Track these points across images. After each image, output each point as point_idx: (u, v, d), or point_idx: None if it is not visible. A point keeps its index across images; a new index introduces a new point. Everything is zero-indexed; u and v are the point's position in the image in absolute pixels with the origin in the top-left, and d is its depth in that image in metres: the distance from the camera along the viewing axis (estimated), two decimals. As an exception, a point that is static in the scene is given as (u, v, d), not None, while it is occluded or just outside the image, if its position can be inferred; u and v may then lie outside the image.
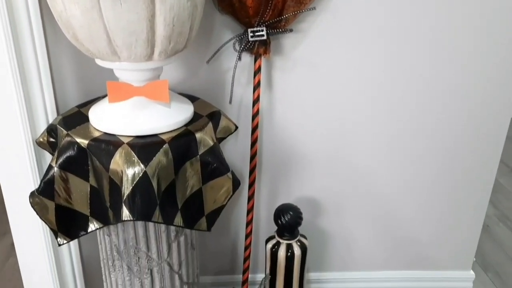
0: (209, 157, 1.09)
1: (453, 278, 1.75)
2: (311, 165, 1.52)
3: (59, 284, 1.40)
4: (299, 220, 1.43)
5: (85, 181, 1.05)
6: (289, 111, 1.43)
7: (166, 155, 1.01)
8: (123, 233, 1.15)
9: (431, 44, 1.38)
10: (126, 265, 1.19)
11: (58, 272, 1.40)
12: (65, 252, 1.39)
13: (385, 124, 1.48)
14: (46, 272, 1.39)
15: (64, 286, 1.43)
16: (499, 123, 1.50)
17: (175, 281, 1.25)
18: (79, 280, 1.44)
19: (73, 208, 1.07)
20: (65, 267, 1.41)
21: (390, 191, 1.59)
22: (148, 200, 0.98)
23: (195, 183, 1.10)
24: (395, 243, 1.69)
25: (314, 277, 1.72)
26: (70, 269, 1.42)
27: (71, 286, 1.43)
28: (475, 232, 1.70)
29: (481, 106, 1.47)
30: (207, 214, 1.16)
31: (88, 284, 1.48)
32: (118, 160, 0.98)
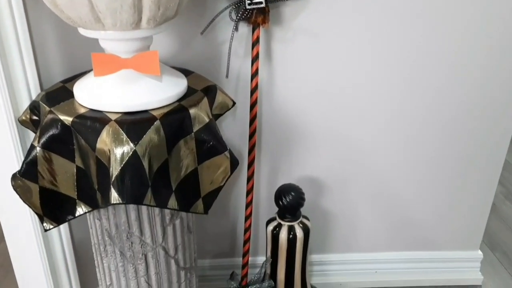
0: (205, 134, 1.01)
1: (460, 259, 1.69)
2: (314, 143, 1.44)
3: (50, 270, 1.34)
4: (301, 201, 1.36)
5: (70, 162, 0.97)
6: (289, 86, 1.35)
7: (157, 133, 0.93)
8: (114, 217, 1.08)
9: (437, 18, 1.29)
10: (119, 251, 1.12)
11: (48, 257, 1.33)
12: (55, 237, 1.32)
13: (391, 99, 1.40)
14: (36, 258, 1.32)
15: (55, 271, 1.36)
16: (510, 98, 1.42)
17: (171, 266, 1.18)
18: (71, 266, 1.37)
19: (59, 191, 1.00)
20: (55, 252, 1.34)
21: (396, 170, 1.52)
22: (139, 181, 0.90)
23: (190, 163, 1.02)
24: (400, 223, 1.62)
25: (317, 259, 1.66)
26: (61, 255, 1.35)
27: (62, 272, 1.36)
28: (484, 212, 1.63)
29: (491, 81, 1.39)
30: (203, 196, 1.08)
31: (81, 270, 1.41)
32: (105, 138, 0.90)
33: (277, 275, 1.43)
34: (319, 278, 1.67)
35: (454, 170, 1.54)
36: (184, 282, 1.24)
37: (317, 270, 1.67)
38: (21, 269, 1.44)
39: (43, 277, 1.35)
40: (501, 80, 1.39)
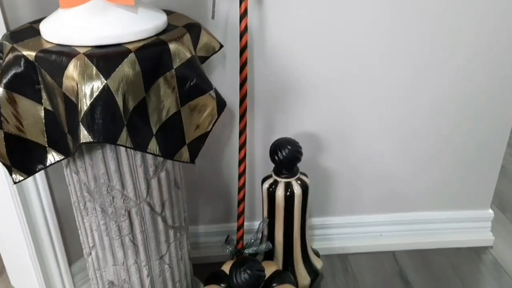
0: (187, 71, 0.91)
1: (471, 218, 1.60)
2: (311, 95, 1.34)
3: (32, 239, 1.25)
4: (298, 155, 1.26)
5: (37, 104, 0.87)
6: (283, 31, 1.24)
7: (132, 67, 0.83)
8: (92, 168, 0.98)
9: None
10: (100, 207, 1.03)
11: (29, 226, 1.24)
12: (35, 204, 1.22)
13: (399, 47, 1.29)
14: (15, 222, 1.23)
15: (38, 240, 1.27)
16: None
17: (158, 225, 1.09)
18: (54, 233, 1.28)
19: (27, 138, 0.90)
20: (36, 220, 1.25)
21: (401, 126, 1.42)
22: (112, 118, 0.80)
23: (172, 104, 0.92)
24: (406, 182, 1.52)
25: (318, 222, 1.56)
26: (43, 221, 1.26)
27: (45, 240, 1.27)
28: (494, 170, 1.53)
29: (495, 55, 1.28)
30: (188, 142, 0.98)
31: (66, 238, 1.32)
32: (72, 72, 0.80)
33: (275, 237, 1.34)
34: (321, 243, 1.57)
35: (463, 126, 1.44)
36: (173, 242, 1.15)
37: (319, 234, 1.58)
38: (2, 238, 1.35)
39: (25, 247, 1.26)
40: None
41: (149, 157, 1.00)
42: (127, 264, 1.10)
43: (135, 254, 1.09)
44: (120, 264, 1.10)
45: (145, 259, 1.10)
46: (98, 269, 1.13)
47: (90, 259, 1.14)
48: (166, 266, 1.15)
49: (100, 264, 1.12)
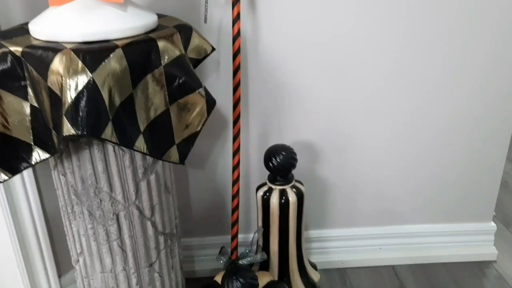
0: (175, 69, 0.90)
1: (473, 231, 1.56)
2: (306, 101, 1.33)
3: (19, 244, 1.22)
4: (293, 161, 1.24)
5: (23, 100, 0.86)
6: (276, 37, 1.24)
7: (119, 62, 0.82)
8: (79, 169, 0.96)
9: None
10: (87, 210, 1.00)
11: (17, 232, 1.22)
12: (24, 209, 1.20)
13: (397, 56, 1.28)
14: (3, 231, 1.21)
15: (26, 247, 1.24)
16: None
17: (148, 230, 1.06)
18: (43, 241, 1.26)
19: (12, 135, 0.88)
20: (25, 226, 1.22)
21: (401, 135, 1.39)
22: (97, 112, 0.79)
23: (161, 102, 0.91)
24: (406, 194, 1.49)
25: (315, 235, 1.52)
26: (32, 229, 1.23)
27: (33, 246, 1.24)
28: (494, 182, 1.50)
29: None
30: (178, 142, 0.97)
31: (55, 246, 1.29)
32: (57, 66, 0.79)
33: (270, 247, 1.30)
34: (319, 256, 1.53)
35: (462, 139, 1.41)
36: (164, 249, 1.11)
37: (316, 247, 1.54)
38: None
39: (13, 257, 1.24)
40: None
41: (138, 158, 0.98)
42: (115, 271, 1.07)
43: (123, 260, 1.06)
44: (108, 271, 1.07)
45: (134, 266, 1.07)
46: (86, 277, 1.10)
47: (78, 267, 1.11)
48: (156, 274, 1.12)
49: (88, 271, 1.09)
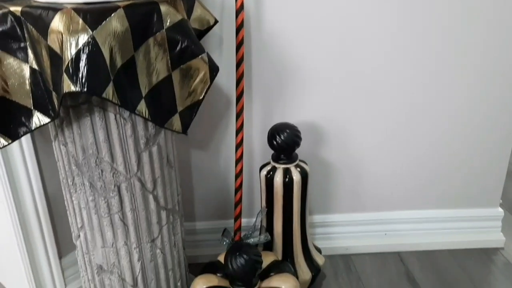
0: (177, 33, 0.89)
1: (480, 217, 1.53)
2: (310, 80, 1.31)
3: (20, 225, 1.20)
4: (297, 139, 1.22)
5: (23, 62, 0.85)
6: (280, 15, 1.23)
7: (121, 22, 0.81)
8: (80, 138, 0.95)
9: None
10: (88, 181, 0.99)
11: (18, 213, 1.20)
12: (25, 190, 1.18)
13: (403, 40, 1.27)
14: (5, 213, 1.19)
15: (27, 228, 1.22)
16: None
17: (150, 203, 1.04)
18: (44, 222, 1.24)
19: (11, 99, 0.87)
20: (26, 207, 1.20)
21: (410, 119, 1.38)
22: (97, 70, 0.78)
23: (163, 67, 0.90)
24: (411, 179, 1.47)
25: (319, 220, 1.50)
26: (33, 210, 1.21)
27: (34, 227, 1.23)
28: (501, 167, 1.48)
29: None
30: (180, 111, 0.95)
31: (56, 227, 1.27)
32: (58, 25, 0.78)
33: (274, 228, 1.28)
34: (323, 242, 1.51)
35: (469, 123, 1.40)
36: (166, 225, 1.10)
37: (320, 233, 1.51)
38: (-10, 228, 1.31)
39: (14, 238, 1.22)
40: None
41: (140, 128, 0.97)
42: (117, 246, 1.05)
43: (125, 234, 1.04)
44: (109, 246, 1.05)
45: (135, 241, 1.05)
46: (87, 253, 1.08)
47: (78, 243, 1.09)
48: (158, 251, 1.10)
49: (89, 246, 1.07)
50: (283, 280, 1.13)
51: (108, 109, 0.92)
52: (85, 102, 0.91)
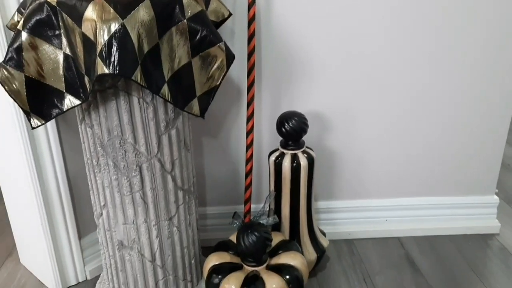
0: (197, 23, 0.97)
1: (476, 204, 1.61)
2: (318, 71, 1.39)
3: (44, 207, 1.28)
4: (304, 126, 1.30)
5: (57, 49, 0.93)
6: (290, 7, 1.30)
7: (147, 12, 0.89)
8: (106, 120, 1.03)
9: None
10: (112, 162, 1.07)
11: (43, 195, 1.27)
12: (49, 173, 1.26)
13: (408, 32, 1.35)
14: (30, 195, 1.27)
15: (50, 210, 1.30)
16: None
17: (168, 183, 1.12)
18: (66, 203, 1.31)
19: (46, 83, 0.95)
20: (50, 188, 1.28)
21: (410, 108, 1.45)
22: (127, 55, 0.86)
23: (184, 54, 0.98)
24: (412, 167, 1.55)
25: (323, 206, 1.58)
26: (56, 192, 1.29)
27: (57, 208, 1.30)
28: (497, 155, 1.56)
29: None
30: (199, 95, 1.03)
31: (76, 208, 1.35)
32: (91, 14, 0.86)
33: (282, 211, 1.36)
34: (327, 227, 1.59)
35: (466, 113, 1.47)
36: (182, 204, 1.17)
37: (325, 218, 1.59)
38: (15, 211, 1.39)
39: (38, 219, 1.29)
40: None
41: (161, 112, 1.04)
42: (137, 223, 1.13)
43: (145, 212, 1.12)
44: (130, 223, 1.13)
45: (154, 218, 1.13)
46: (109, 230, 1.16)
47: (100, 221, 1.17)
48: (175, 228, 1.17)
49: (111, 223, 1.14)
50: (291, 257, 1.21)
51: (132, 94, 1.00)
52: (111, 86, 0.99)
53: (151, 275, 1.19)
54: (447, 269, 1.46)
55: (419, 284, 1.41)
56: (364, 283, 1.41)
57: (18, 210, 1.37)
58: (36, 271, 1.43)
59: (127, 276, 1.20)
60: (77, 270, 1.39)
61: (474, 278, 1.42)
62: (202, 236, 1.53)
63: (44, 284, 1.40)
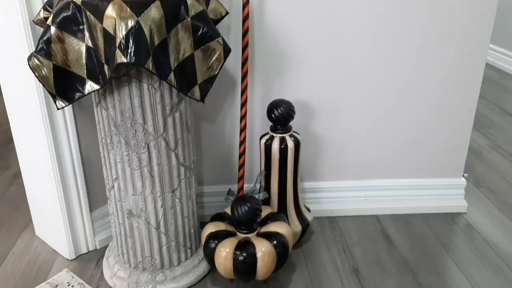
0: (199, 20, 1.13)
1: (446, 185, 1.79)
2: (304, 65, 1.56)
3: (61, 181, 1.44)
4: (292, 112, 1.47)
5: (80, 41, 1.10)
6: (280, 6, 1.47)
7: (157, 11, 1.06)
8: (120, 103, 1.19)
9: None
10: (124, 140, 1.23)
11: (60, 170, 1.43)
12: (65, 149, 1.42)
13: (385, 22, 1.52)
14: (49, 171, 1.43)
15: (66, 184, 1.46)
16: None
17: (172, 159, 1.29)
18: (79, 179, 1.48)
19: (71, 70, 1.11)
20: (66, 166, 1.44)
21: (385, 98, 1.63)
22: (141, 47, 1.02)
23: (187, 47, 1.15)
24: (387, 151, 1.72)
25: (309, 186, 1.76)
26: (71, 169, 1.45)
27: (71, 182, 1.47)
28: (464, 140, 1.73)
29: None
30: (200, 82, 1.20)
31: (88, 184, 1.51)
32: (111, 12, 1.02)
33: (271, 188, 1.53)
34: (312, 206, 1.76)
35: (435, 104, 1.65)
36: (184, 179, 1.34)
37: (310, 197, 1.77)
38: (33, 186, 1.54)
39: (55, 192, 1.45)
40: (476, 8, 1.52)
41: (167, 97, 1.21)
42: (145, 194, 1.30)
43: (151, 184, 1.29)
44: (139, 194, 1.30)
45: (160, 190, 1.30)
46: (119, 200, 1.33)
47: (112, 192, 1.34)
48: (177, 200, 1.34)
49: (121, 194, 1.31)
50: (279, 226, 1.38)
51: (143, 80, 1.17)
52: (125, 74, 1.15)
53: (155, 241, 1.36)
54: (418, 242, 1.64)
55: (393, 255, 1.59)
56: (343, 253, 1.59)
57: (36, 185, 1.53)
58: (50, 241, 1.59)
59: (135, 242, 1.37)
60: (88, 240, 1.55)
61: (442, 250, 1.61)
62: (199, 212, 1.70)
63: (58, 252, 1.57)
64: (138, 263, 1.39)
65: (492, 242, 1.65)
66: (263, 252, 1.29)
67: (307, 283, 1.46)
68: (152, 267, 1.39)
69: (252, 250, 1.30)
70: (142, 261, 1.38)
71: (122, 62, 1.00)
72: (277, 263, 1.34)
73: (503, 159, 2.23)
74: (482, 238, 1.67)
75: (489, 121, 2.65)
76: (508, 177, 2.07)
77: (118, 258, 1.45)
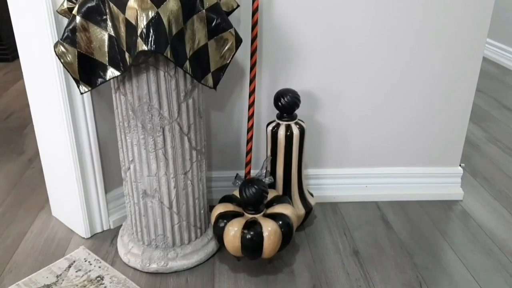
0: (213, 12, 1.22)
1: (442, 174, 1.87)
2: (309, 57, 1.65)
3: (79, 163, 1.52)
4: (297, 101, 1.55)
5: (103, 30, 1.18)
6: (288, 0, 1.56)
7: (176, 3, 1.14)
8: (137, 89, 1.27)
9: None
10: (140, 124, 1.32)
11: (79, 154, 1.52)
12: (83, 133, 1.50)
13: (387, 13, 1.60)
14: (67, 153, 1.51)
15: (83, 165, 1.54)
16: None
17: (185, 143, 1.37)
18: (96, 161, 1.56)
19: (94, 57, 1.20)
20: (83, 149, 1.52)
21: (386, 88, 1.71)
22: (161, 36, 1.10)
23: (202, 37, 1.23)
24: (388, 140, 1.81)
25: (312, 172, 1.84)
26: (88, 151, 1.54)
27: (88, 164, 1.55)
28: (461, 130, 1.81)
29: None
30: (213, 71, 1.28)
31: (104, 166, 1.60)
32: (133, 3, 1.10)
33: (277, 172, 1.61)
34: (315, 192, 1.85)
35: (434, 95, 1.73)
36: (195, 162, 1.43)
37: (313, 183, 1.85)
38: (51, 168, 1.63)
39: (73, 172, 1.54)
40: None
41: (181, 84, 1.30)
42: (159, 175, 1.38)
43: (165, 166, 1.37)
44: (153, 175, 1.38)
45: (173, 172, 1.38)
46: (135, 181, 1.41)
47: (128, 174, 1.42)
48: (189, 182, 1.43)
49: (137, 175, 1.40)
50: (284, 208, 1.47)
51: (159, 68, 1.25)
52: (143, 62, 1.24)
53: (168, 220, 1.44)
54: (416, 227, 1.73)
55: (391, 239, 1.67)
56: (344, 236, 1.68)
57: (54, 167, 1.61)
58: (66, 221, 1.68)
59: (148, 221, 1.45)
60: (102, 220, 1.64)
61: (437, 234, 1.69)
62: (207, 196, 1.79)
63: (74, 231, 1.66)
64: (151, 241, 1.48)
65: (486, 228, 1.73)
66: (269, 231, 1.38)
67: (310, 262, 1.55)
68: (164, 245, 1.48)
69: (259, 229, 1.39)
70: (155, 239, 1.47)
71: (143, 50, 1.08)
72: (282, 242, 1.42)
73: (500, 150, 2.31)
74: (477, 224, 1.76)
75: (487, 115, 2.73)
76: (503, 167, 2.15)
77: (132, 236, 1.54)
